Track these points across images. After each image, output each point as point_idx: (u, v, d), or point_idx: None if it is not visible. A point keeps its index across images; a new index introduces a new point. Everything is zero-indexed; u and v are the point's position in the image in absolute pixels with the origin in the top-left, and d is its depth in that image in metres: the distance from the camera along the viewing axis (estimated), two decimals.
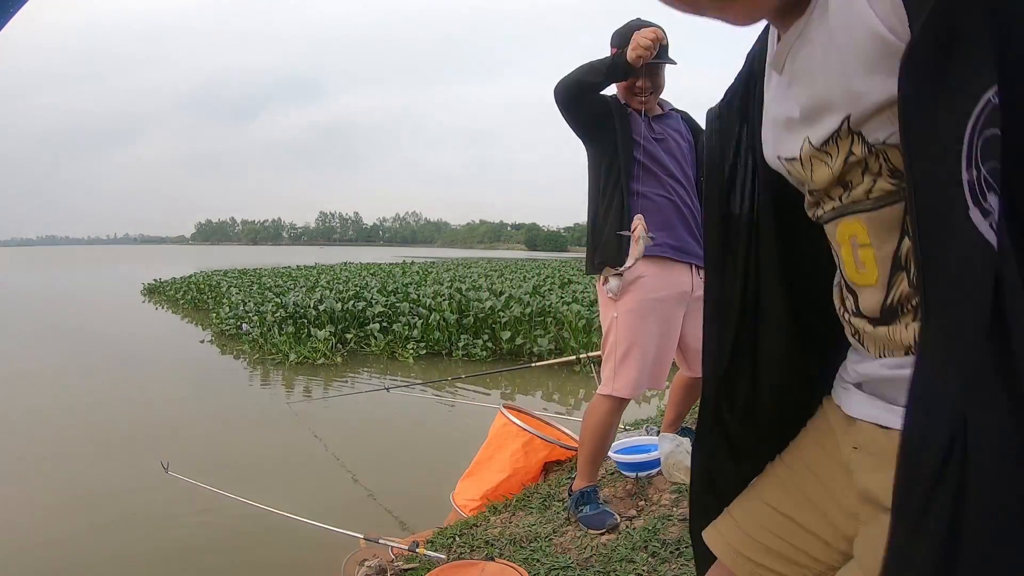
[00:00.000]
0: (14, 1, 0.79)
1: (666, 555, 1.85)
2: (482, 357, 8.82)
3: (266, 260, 36.17)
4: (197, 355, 9.52)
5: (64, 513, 3.74)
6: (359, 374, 8.17)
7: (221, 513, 3.42)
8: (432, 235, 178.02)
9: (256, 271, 23.13)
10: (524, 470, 2.74)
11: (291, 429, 5.30)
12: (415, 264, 28.79)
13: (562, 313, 9.67)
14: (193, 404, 6.52)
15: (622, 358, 2.03)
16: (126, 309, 16.00)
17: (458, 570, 1.87)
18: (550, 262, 33.77)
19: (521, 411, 3.04)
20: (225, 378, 8.03)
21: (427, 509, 3.28)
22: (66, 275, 31.29)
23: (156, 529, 3.51)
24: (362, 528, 2.46)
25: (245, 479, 4.10)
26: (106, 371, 8.07)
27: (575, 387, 7.21)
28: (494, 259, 40.51)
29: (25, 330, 11.84)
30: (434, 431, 5.47)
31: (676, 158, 2.12)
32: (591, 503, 2.15)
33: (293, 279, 18.11)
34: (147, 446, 4.76)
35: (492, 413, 3.06)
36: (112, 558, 3.26)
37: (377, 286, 13.90)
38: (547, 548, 2.02)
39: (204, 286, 17.31)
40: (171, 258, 51.57)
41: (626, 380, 2.02)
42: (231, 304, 12.36)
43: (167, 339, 11.62)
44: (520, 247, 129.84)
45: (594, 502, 2.16)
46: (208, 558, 3.26)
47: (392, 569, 2.04)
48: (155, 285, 19.64)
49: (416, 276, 17.94)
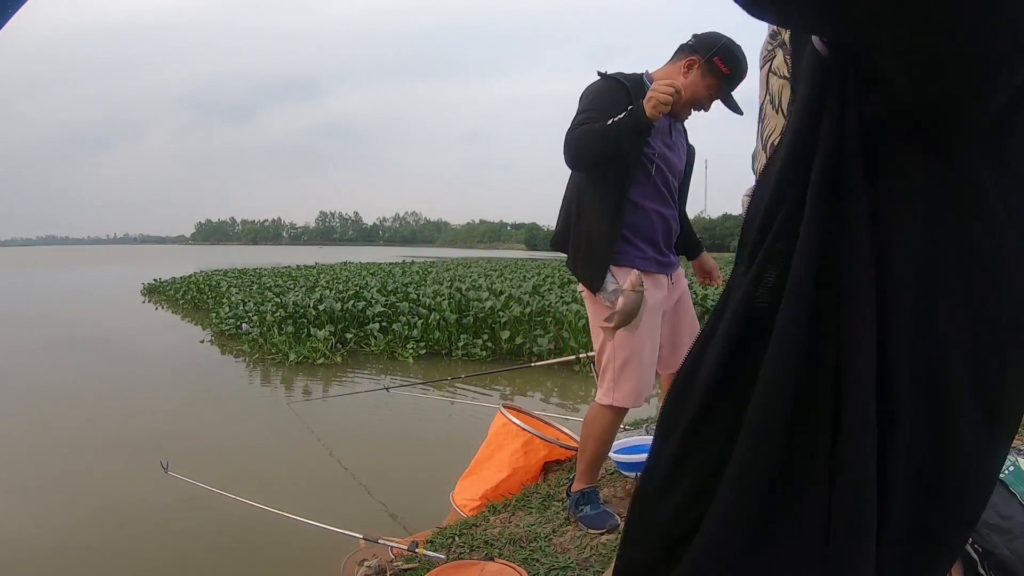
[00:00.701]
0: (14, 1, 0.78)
1: None
2: (482, 357, 8.83)
3: (266, 260, 36.14)
4: (197, 355, 9.52)
5: (64, 512, 3.74)
6: (359, 374, 8.18)
7: (221, 513, 3.42)
8: (432, 235, 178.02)
9: (256, 271, 23.12)
10: (524, 470, 2.74)
11: (291, 429, 5.30)
12: (415, 264, 28.79)
13: (562, 313, 9.68)
14: (193, 404, 6.52)
15: (621, 368, 2.02)
16: (126, 309, 15.99)
17: (458, 570, 1.87)
18: (550, 262, 33.74)
19: (521, 411, 3.04)
20: (225, 378, 8.03)
21: (427, 509, 3.27)
22: (66, 275, 31.27)
23: (156, 529, 3.51)
24: (361, 528, 2.45)
25: (245, 479, 4.10)
26: (105, 371, 8.07)
27: (575, 387, 7.22)
28: (494, 259, 40.50)
29: (25, 330, 11.83)
30: (434, 431, 5.47)
31: (676, 169, 2.09)
32: (592, 503, 2.16)
33: (293, 279, 18.11)
34: (146, 446, 4.76)
35: (492, 413, 3.06)
36: (112, 558, 3.27)
37: (377, 286, 13.91)
38: (547, 548, 2.02)
39: (204, 286, 17.31)
40: (171, 258, 51.53)
41: (627, 390, 2.03)
42: (231, 304, 12.36)
43: (167, 339, 11.63)
44: (520, 247, 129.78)
45: (595, 502, 2.16)
46: (208, 558, 3.26)
47: (391, 569, 2.04)
48: (155, 285, 19.64)
49: (416, 276, 17.94)
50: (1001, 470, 1.60)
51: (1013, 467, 1.60)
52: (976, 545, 1.52)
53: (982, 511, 0.75)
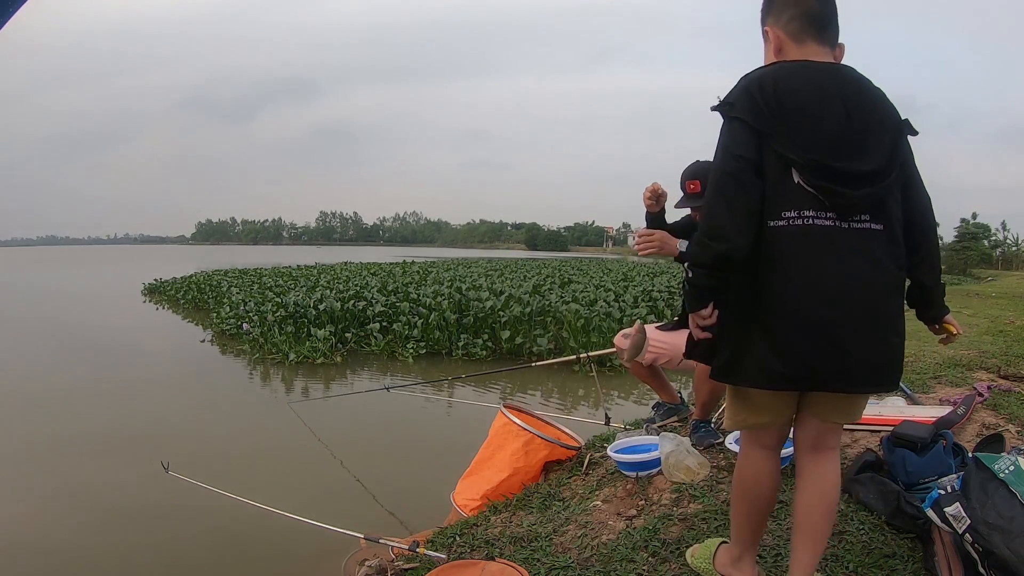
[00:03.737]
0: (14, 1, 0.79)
1: (666, 555, 1.85)
2: (482, 357, 8.83)
3: (266, 260, 36.13)
4: (198, 355, 9.53)
5: (65, 512, 3.75)
6: (359, 374, 8.18)
7: (221, 513, 3.42)
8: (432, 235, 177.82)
9: (256, 271, 23.12)
10: (524, 470, 2.74)
11: (291, 429, 5.30)
12: (415, 264, 28.77)
13: (562, 313, 9.68)
14: (194, 404, 6.52)
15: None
16: (127, 309, 16.00)
17: (458, 570, 1.87)
18: (550, 262, 33.77)
19: (521, 411, 3.03)
20: (226, 378, 8.04)
21: (427, 509, 3.28)
22: (67, 275, 31.27)
23: (157, 528, 3.51)
24: (362, 528, 2.46)
25: (246, 479, 4.11)
26: (107, 371, 8.08)
27: (575, 386, 7.22)
28: (494, 259, 40.48)
29: (26, 330, 11.84)
30: (434, 431, 5.47)
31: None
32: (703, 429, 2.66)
33: (293, 279, 18.11)
34: (147, 446, 4.77)
35: (492, 413, 3.06)
36: (113, 557, 3.27)
37: (377, 286, 13.91)
38: (547, 548, 2.02)
39: (205, 286, 17.31)
40: (172, 258, 51.51)
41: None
42: (232, 304, 12.36)
43: (168, 339, 11.64)
44: (520, 247, 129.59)
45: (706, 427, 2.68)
46: (208, 557, 3.27)
47: (392, 569, 2.04)
48: (156, 285, 19.64)
49: (416, 276, 17.95)
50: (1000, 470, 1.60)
51: (1013, 467, 1.60)
52: (976, 545, 1.52)
53: None
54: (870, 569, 1.69)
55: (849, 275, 1.29)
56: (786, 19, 1.41)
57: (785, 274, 1.30)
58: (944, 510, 1.60)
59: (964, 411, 2.71)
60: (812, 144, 1.28)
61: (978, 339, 5.29)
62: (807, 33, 1.40)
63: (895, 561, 1.72)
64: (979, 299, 10.59)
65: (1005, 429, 2.57)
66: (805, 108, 1.30)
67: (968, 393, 3.07)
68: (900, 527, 1.86)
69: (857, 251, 1.30)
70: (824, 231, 1.29)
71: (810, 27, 1.40)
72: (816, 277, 1.29)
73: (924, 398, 3.23)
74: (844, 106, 1.32)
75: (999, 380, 3.50)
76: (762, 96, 1.31)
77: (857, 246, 1.30)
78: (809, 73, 1.35)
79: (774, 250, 1.30)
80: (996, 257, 47.11)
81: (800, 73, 1.35)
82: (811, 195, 1.29)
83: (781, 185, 1.30)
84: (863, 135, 1.32)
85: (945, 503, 1.61)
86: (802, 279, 1.29)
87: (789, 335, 1.30)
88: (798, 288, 1.29)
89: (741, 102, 1.33)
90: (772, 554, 1.79)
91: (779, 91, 1.31)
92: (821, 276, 1.29)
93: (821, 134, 1.29)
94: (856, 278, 1.30)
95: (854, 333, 1.30)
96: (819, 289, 1.29)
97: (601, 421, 3.34)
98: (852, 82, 1.36)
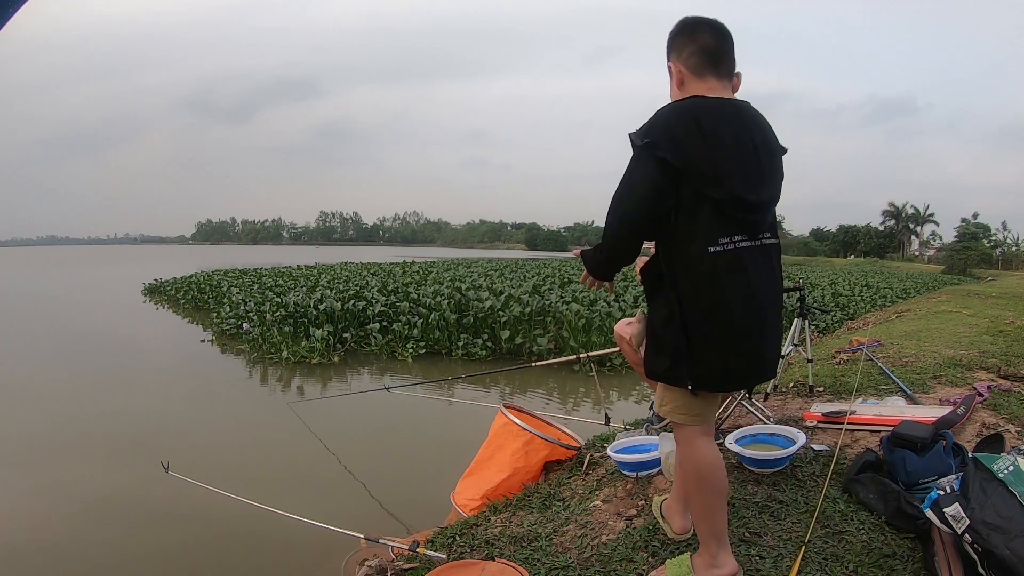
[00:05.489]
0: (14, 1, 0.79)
1: (666, 555, 1.85)
2: (482, 357, 8.83)
3: (266, 260, 36.14)
4: (198, 355, 9.53)
5: (65, 512, 3.75)
6: (359, 373, 8.19)
7: (221, 513, 3.43)
8: (432, 235, 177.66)
9: (256, 271, 23.13)
10: (524, 470, 2.74)
11: (291, 429, 5.30)
12: (415, 264, 28.78)
13: (562, 313, 9.68)
14: (194, 404, 6.53)
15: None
16: (127, 309, 16.00)
17: (458, 570, 1.87)
18: (550, 262, 33.79)
19: (521, 411, 3.03)
20: (226, 378, 8.04)
21: (427, 509, 3.28)
22: (67, 275, 31.27)
23: (156, 528, 3.51)
24: (362, 528, 2.46)
25: (246, 479, 4.11)
26: (107, 371, 8.08)
27: (575, 386, 7.22)
28: (494, 259, 40.51)
29: (26, 330, 11.84)
30: (434, 431, 5.47)
31: None
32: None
33: (293, 279, 18.11)
34: (148, 446, 4.77)
35: (492, 413, 3.06)
36: (113, 557, 3.27)
37: (377, 286, 13.91)
38: (547, 548, 2.02)
39: (205, 286, 17.32)
40: (172, 258, 51.52)
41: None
42: (232, 304, 12.37)
43: (168, 339, 11.64)
44: (520, 247, 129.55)
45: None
46: (209, 558, 3.27)
47: (392, 569, 2.04)
48: (156, 285, 19.65)
49: (416, 276, 17.96)
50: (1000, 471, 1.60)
51: (1013, 467, 1.60)
52: (975, 545, 1.52)
53: None
54: (870, 569, 1.69)
55: (765, 286, 1.52)
56: (686, 55, 1.56)
57: (723, 292, 1.46)
58: (943, 510, 1.60)
59: (964, 411, 2.71)
60: (730, 180, 1.44)
61: (978, 339, 5.28)
62: (706, 68, 1.55)
63: (895, 561, 1.72)
64: (979, 299, 10.58)
65: (1005, 429, 2.57)
66: (724, 146, 1.45)
67: (968, 393, 3.07)
68: (900, 527, 1.86)
69: (767, 265, 1.54)
70: (748, 251, 1.48)
71: (708, 62, 1.55)
72: (750, 292, 1.48)
73: (924, 398, 3.23)
74: (752, 142, 1.50)
75: (999, 380, 3.50)
76: (685, 135, 1.43)
77: (767, 261, 1.53)
78: (725, 112, 1.51)
79: (716, 271, 1.45)
80: (996, 257, 47.12)
81: (715, 112, 1.49)
82: (735, 221, 1.46)
83: (713, 214, 1.44)
84: (768, 168, 1.53)
85: (944, 503, 1.61)
86: (741, 294, 1.47)
87: (735, 343, 1.48)
88: (738, 302, 1.46)
89: (664, 141, 1.43)
90: (772, 554, 1.79)
91: (702, 130, 1.44)
92: (752, 290, 1.48)
93: (737, 171, 1.46)
94: (769, 288, 1.54)
95: (770, 335, 1.57)
96: (752, 302, 1.48)
97: (601, 421, 3.34)
98: (755, 118, 1.57)
